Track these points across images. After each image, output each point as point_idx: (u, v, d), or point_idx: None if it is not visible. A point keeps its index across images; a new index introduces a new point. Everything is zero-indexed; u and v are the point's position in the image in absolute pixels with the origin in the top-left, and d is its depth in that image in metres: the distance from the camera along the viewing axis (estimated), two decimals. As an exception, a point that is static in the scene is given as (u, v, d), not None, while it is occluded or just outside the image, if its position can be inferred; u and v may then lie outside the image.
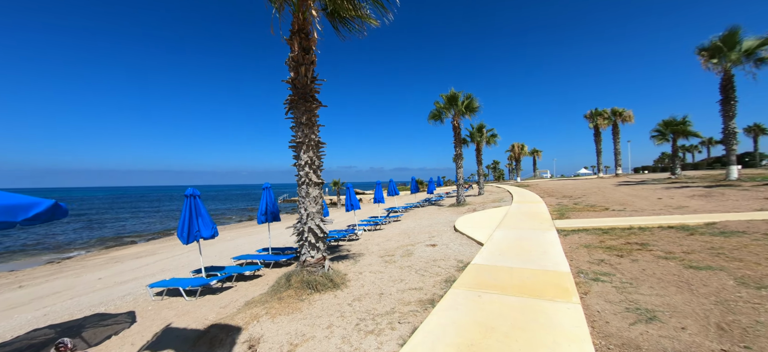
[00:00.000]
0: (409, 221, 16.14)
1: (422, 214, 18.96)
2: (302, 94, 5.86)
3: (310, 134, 5.90)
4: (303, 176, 5.88)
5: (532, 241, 7.82)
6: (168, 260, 14.13)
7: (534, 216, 11.99)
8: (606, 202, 15.64)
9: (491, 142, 29.56)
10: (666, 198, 14.87)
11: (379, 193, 17.81)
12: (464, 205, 20.47)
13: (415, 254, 7.83)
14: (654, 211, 11.61)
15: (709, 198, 13.56)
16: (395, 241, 10.38)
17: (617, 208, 13.20)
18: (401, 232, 12.54)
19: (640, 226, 8.83)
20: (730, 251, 6.01)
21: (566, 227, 9.48)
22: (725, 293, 4.24)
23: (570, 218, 11.28)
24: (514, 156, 55.48)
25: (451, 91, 20.92)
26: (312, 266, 5.84)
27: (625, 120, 40.26)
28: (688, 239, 7.18)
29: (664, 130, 28.40)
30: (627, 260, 6.08)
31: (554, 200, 18.57)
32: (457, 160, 21.44)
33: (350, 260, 8.37)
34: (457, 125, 21.28)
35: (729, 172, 21.13)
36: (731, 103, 21.09)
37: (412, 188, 24.87)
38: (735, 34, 20.23)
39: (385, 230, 14.28)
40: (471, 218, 13.25)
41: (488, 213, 14.32)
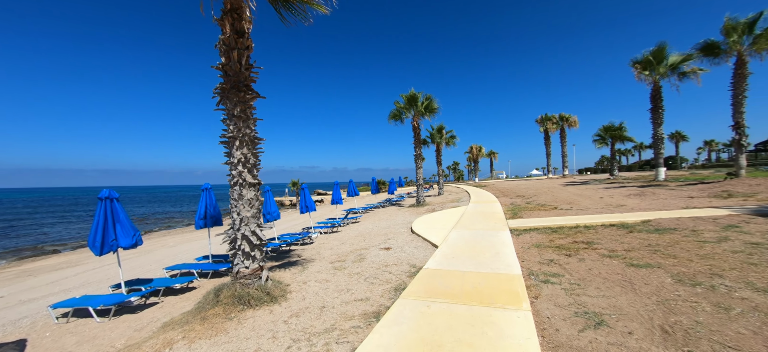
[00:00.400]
0: (367, 223, 15.68)
1: (382, 215, 18.61)
2: (235, 82, 5.12)
3: (244, 129, 5.18)
4: (235, 175, 5.14)
5: (486, 242, 7.73)
6: (93, 272, 12.31)
7: (489, 216, 12.13)
8: (555, 201, 16.42)
9: (451, 144, 30.15)
10: (607, 197, 15.95)
11: (337, 194, 17.15)
12: (424, 205, 20.49)
13: (368, 258, 7.37)
14: (597, 209, 12.28)
15: (643, 197, 14.73)
16: (350, 244, 9.85)
17: (565, 207, 13.84)
18: (358, 234, 12.04)
19: (586, 224, 9.17)
20: (665, 247, 6.30)
21: (519, 227, 9.60)
22: (665, 292, 4.29)
23: (522, 218, 11.55)
24: (473, 157, 57.50)
25: (410, 91, 20.85)
26: (246, 277, 5.13)
27: (571, 125, 43.41)
28: (628, 236, 7.50)
29: (604, 134, 30.95)
30: (575, 259, 6.13)
31: (508, 199, 19.22)
32: (417, 160, 21.42)
33: (298, 266, 7.69)
34: (416, 126, 21.26)
35: (657, 174, 23.41)
36: (659, 111, 23.38)
37: (373, 188, 24.48)
38: (663, 49, 22.40)
39: (342, 232, 13.69)
40: (429, 218, 13.11)
41: (446, 213, 14.32)
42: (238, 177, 5.13)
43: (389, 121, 22.11)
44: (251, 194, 5.21)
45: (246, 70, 5.24)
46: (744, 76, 16.19)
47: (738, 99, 16.36)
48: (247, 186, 5.17)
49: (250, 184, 5.20)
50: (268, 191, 11.90)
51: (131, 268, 11.49)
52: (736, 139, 16.46)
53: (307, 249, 10.60)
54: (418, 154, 21.29)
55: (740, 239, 6.41)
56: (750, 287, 4.22)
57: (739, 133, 16.32)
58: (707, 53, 17.49)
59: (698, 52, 17.76)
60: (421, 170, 21.45)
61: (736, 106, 16.47)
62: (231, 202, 5.20)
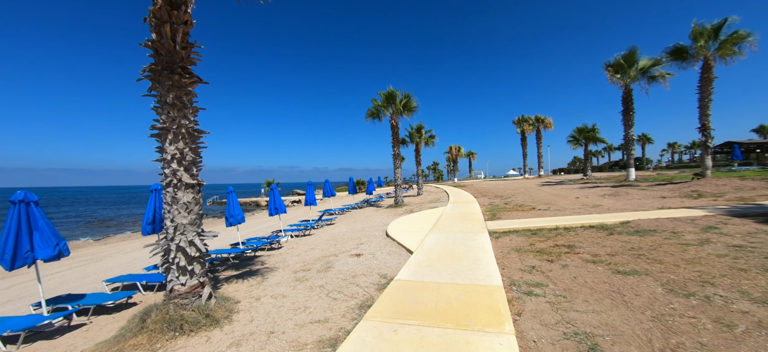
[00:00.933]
0: (342, 225, 14.90)
1: (358, 216, 17.87)
2: (168, 63, 4.26)
3: (180, 119, 4.33)
4: (169, 175, 4.28)
5: (465, 246, 7.19)
6: (25, 285, 10.83)
7: (467, 217, 11.69)
8: (532, 201, 16.30)
9: (430, 143, 29.81)
10: (582, 197, 15.99)
11: (310, 194, 16.24)
12: (402, 206, 19.94)
13: (336, 267, 6.64)
14: (574, 210, 12.13)
15: (617, 197, 14.83)
16: (319, 250, 9.07)
17: (542, 207, 13.67)
18: (330, 238, 11.26)
19: (565, 226, 8.87)
20: (649, 251, 5.98)
21: (498, 229, 9.18)
22: (659, 305, 3.86)
23: (501, 219, 11.18)
24: (452, 158, 57.78)
25: (389, 89, 20.24)
26: (182, 296, 4.28)
27: (547, 126, 44.39)
28: (609, 239, 7.19)
29: (578, 136, 31.66)
30: (557, 265, 5.68)
31: (487, 200, 19.01)
32: (395, 160, 20.83)
33: (257, 277, 6.85)
34: (395, 124, 20.67)
35: (628, 174, 24.02)
36: (630, 114, 24.02)
37: (350, 188, 23.69)
38: (634, 53, 22.99)
39: (315, 235, 12.85)
40: (406, 220, 12.52)
41: (424, 215, 13.79)
42: (171, 177, 4.27)
43: (367, 119, 21.40)
44: (189, 196, 4.36)
45: (183, 50, 4.38)
46: (710, 80, 16.71)
47: (704, 102, 16.88)
48: (184, 188, 4.32)
49: (187, 185, 4.34)
50: (232, 192, 10.90)
51: (73, 279, 10.16)
52: (702, 141, 16.98)
53: (273, 255, 9.72)
54: (396, 154, 20.70)
55: (722, 241, 6.20)
56: (746, 297, 3.86)
57: (705, 135, 16.84)
58: (676, 57, 17.98)
59: (668, 55, 18.23)
60: (400, 170, 20.89)
61: (702, 109, 16.99)
62: (164, 206, 4.33)
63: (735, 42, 15.97)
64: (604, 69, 24.56)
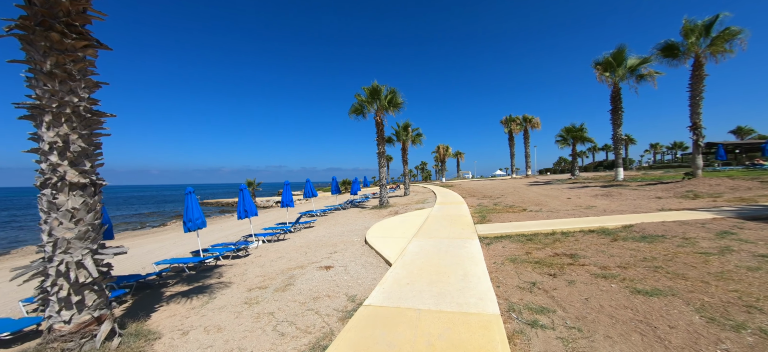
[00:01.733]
0: (321, 228, 13.74)
1: (340, 218, 16.73)
2: (46, 17, 3.07)
3: (64, 95, 3.14)
4: (46, 171, 3.09)
5: (452, 256, 6.19)
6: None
7: (455, 220, 10.73)
8: (523, 202, 15.53)
9: (417, 142, 28.87)
10: (574, 198, 15.31)
11: (287, 195, 15.00)
12: (387, 206, 18.90)
13: (298, 284, 5.51)
14: (568, 211, 11.35)
15: (610, 197, 14.19)
16: (287, 259, 7.92)
17: (534, 208, 12.87)
18: (304, 244, 10.10)
19: (563, 230, 7.99)
20: (665, 262, 5.10)
21: (489, 234, 8.24)
22: (705, 343, 2.92)
23: (491, 222, 10.27)
24: (440, 157, 57.16)
25: (373, 83, 19.17)
26: (65, 338, 3.10)
27: (534, 126, 44.17)
28: (615, 246, 6.32)
29: (566, 135, 31.35)
30: (562, 281, 4.73)
31: (475, 200, 18.18)
32: (380, 158, 19.76)
33: (202, 297, 5.66)
34: (379, 121, 19.61)
35: (617, 174, 23.70)
36: (619, 113, 23.68)
37: (333, 188, 22.50)
38: (622, 51, 22.64)
39: (290, 240, 11.66)
40: (389, 223, 11.47)
41: (409, 217, 12.78)
42: (50, 174, 3.08)
43: (350, 115, 20.28)
44: (76, 201, 3.17)
45: (71, 2, 3.19)
46: (701, 78, 16.32)
47: (695, 100, 16.49)
48: (68, 189, 3.13)
49: (73, 185, 3.16)
50: (190, 193, 9.60)
51: None
52: (693, 139, 16.58)
53: (236, 265, 8.52)
54: (381, 152, 19.64)
55: (744, 249, 5.39)
56: (815, 331, 2.97)
57: (696, 133, 16.45)
58: (667, 54, 17.55)
59: (659, 52, 17.80)
60: (385, 169, 19.84)
61: (693, 107, 16.60)
62: (40, 214, 3.13)
63: (726, 39, 15.59)
64: (593, 67, 24.18)
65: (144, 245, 16.72)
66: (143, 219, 37.00)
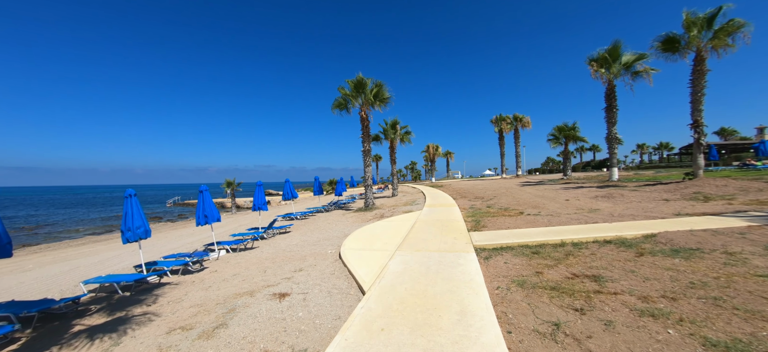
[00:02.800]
0: (296, 235, 12.25)
1: (320, 222, 15.26)
2: None
3: None
4: None
5: (444, 278, 4.86)
6: None
7: (446, 226, 9.43)
8: (518, 204, 14.39)
9: (405, 140, 27.55)
10: (573, 199, 14.24)
11: (259, 198, 13.43)
12: (373, 209, 17.51)
13: (232, 326, 4.05)
14: (570, 216, 10.19)
15: (612, 199, 13.15)
16: (240, 279, 6.45)
17: (531, 211, 11.69)
18: (269, 256, 8.63)
19: (573, 240, 6.76)
20: (722, 291, 3.87)
21: (486, 245, 6.94)
22: None
23: (487, 228, 9.01)
24: (430, 157, 56.10)
25: (358, 76, 17.74)
26: None
27: (525, 125, 43.50)
28: (643, 263, 5.10)
29: (558, 134, 30.57)
30: (594, 321, 3.44)
31: (467, 202, 16.97)
32: (365, 156, 18.35)
33: (106, 339, 4.16)
34: (365, 116, 18.19)
35: (611, 174, 22.92)
36: (613, 110, 22.89)
37: (316, 189, 20.97)
38: (617, 47, 21.84)
39: (257, 250, 10.16)
40: (372, 230, 10.08)
41: (395, 222, 11.42)
42: None
43: (333, 111, 18.79)
44: None
45: None
46: (703, 73, 15.50)
47: (697, 97, 15.66)
48: None
49: None
50: (130, 196, 7.98)
51: None
52: (695, 138, 15.75)
53: (183, 283, 7.00)
54: (366, 149, 18.22)
55: (817, 270, 4.23)
56: None
57: (697, 132, 15.62)
58: (667, 47, 16.70)
59: (659, 45, 16.92)
60: (371, 168, 18.44)
61: (694, 104, 15.77)
62: None
63: (730, 32, 14.78)
64: (587, 64, 23.35)
65: (100, 253, 14.88)
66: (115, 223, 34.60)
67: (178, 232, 20.46)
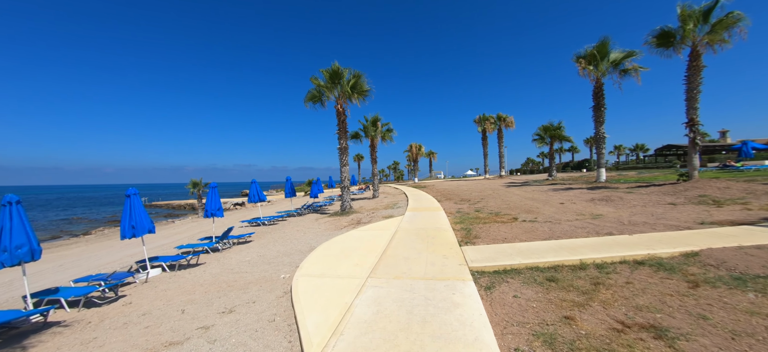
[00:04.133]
0: (254, 247, 10.33)
1: (288, 229, 13.35)
2: None
3: None
4: None
5: (434, 331, 3.22)
6: None
7: (433, 237, 7.83)
8: (509, 208, 13.04)
9: (387, 138, 25.92)
10: (568, 203, 13.02)
11: (213, 202, 11.35)
12: (350, 213, 15.73)
13: None
14: (571, 222, 8.85)
15: (611, 203, 11.99)
16: (143, 327, 4.57)
17: (526, 217, 10.31)
18: (208, 280, 6.73)
19: (594, 261, 5.29)
20: None
21: (485, 267, 5.37)
22: None
23: (481, 239, 7.47)
24: (412, 156, 54.84)
25: (333, 65, 15.92)
26: None
27: (508, 125, 42.91)
28: (707, 299, 3.65)
29: (543, 134, 29.84)
30: None
31: (453, 205, 15.52)
32: (341, 154, 16.55)
33: None
34: (341, 110, 16.40)
35: (599, 175, 22.16)
36: (601, 109, 22.14)
37: (287, 191, 18.97)
38: (606, 44, 21.10)
39: (201, 267, 8.20)
40: (342, 243, 8.34)
41: (372, 231, 9.72)
42: None
43: (306, 104, 16.88)
44: None
45: None
46: (698, 69, 14.73)
47: (692, 94, 14.87)
48: None
49: None
50: (10, 205, 5.87)
51: None
52: (690, 137, 14.96)
53: (73, 326, 5.03)
54: (343, 147, 16.43)
55: None
56: None
57: (693, 131, 14.83)
58: (661, 42, 15.86)
59: (653, 39, 16.07)
60: (348, 168, 16.66)
61: (689, 102, 14.98)
62: None
63: (727, 25, 14.02)
64: (574, 61, 22.49)
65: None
66: (67, 226, 31.02)
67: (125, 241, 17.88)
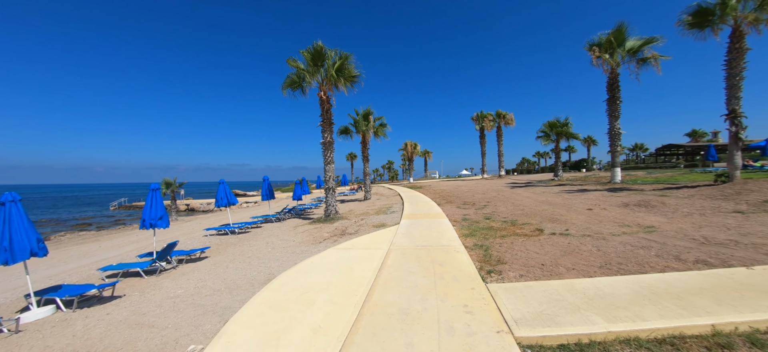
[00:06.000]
0: (200, 271, 7.86)
1: (255, 242, 10.89)
2: None
3: None
4: None
5: None
6: None
7: (441, 265, 5.47)
8: (525, 214, 10.77)
9: (380, 134, 23.51)
10: (596, 209, 10.78)
11: (154, 209, 8.81)
12: (334, 219, 13.32)
13: None
14: (619, 238, 6.60)
15: (653, 209, 9.77)
16: None
17: (554, 228, 8.03)
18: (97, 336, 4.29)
19: (739, 329, 3.00)
20: None
21: (545, 340, 3.04)
22: None
23: (509, 266, 5.14)
24: (408, 155, 52.58)
25: (316, 44, 13.44)
26: None
27: (508, 123, 40.83)
28: None
29: (549, 131, 27.77)
30: None
31: (456, 209, 13.22)
32: (325, 150, 14.10)
33: None
34: (325, 98, 13.96)
35: (614, 175, 20.11)
36: (617, 102, 20.09)
37: (264, 193, 16.46)
38: (622, 31, 19.07)
39: (111, 306, 5.72)
40: (308, 275, 5.94)
41: (356, 250, 7.33)
42: None
43: (284, 91, 14.40)
44: None
45: None
46: (742, 52, 12.65)
47: (734, 81, 12.79)
48: None
49: None
50: None
51: None
52: (732, 132, 12.87)
53: None
54: (327, 141, 13.99)
55: None
56: None
57: (735, 124, 12.74)
58: (696, 22, 13.74)
59: (688, 17, 13.94)
60: (333, 166, 14.22)
61: (731, 90, 12.90)
62: None
63: (779, 1, 11.95)
64: (587, 50, 20.41)
65: None
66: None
67: (86, 246, 15.22)
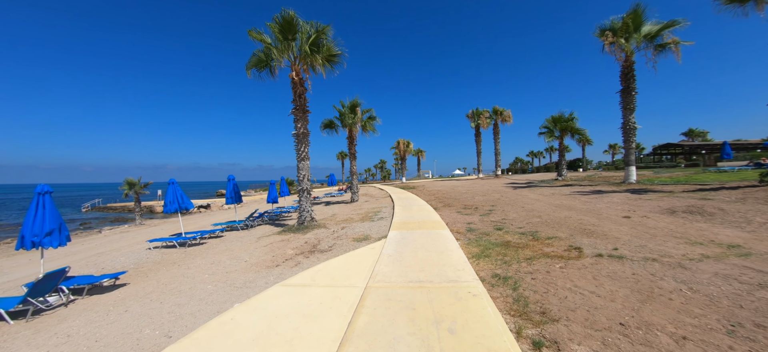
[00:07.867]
0: (97, 308, 5.33)
1: (201, 261, 8.38)
2: None
3: None
4: None
5: None
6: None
7: (452, 332, 3.12)
8: (542, 222, 8.54)
9: (369, 128, 21.13)
10: (636, 217, 8.58)
11: (41, 222, 6.26)
12: (311, 227, 10.90)
13: None
14: (701, 264, 4.39)
15: (713, 218, 7.60)
16: None
17: (596, 246, 5.80)
18: None
19: None
20: None
21: None
22: None
23: (560, 324, 2.84)
24: (400, 154, 50.33)
25: (285, 13, 10.95)
26: None
27: (505, 120, 38.85)
28: None
29: (552, 126, 25.75)
30: None
31: (457, 214, 10.93)
32: (299, 143, 11.63)
33: None
34: (298, 80, 11.50)
35: (628, 174, 18.11)
36: (632, 94, 18.08)
37: (228, 195, 13.91)
38: (639, 13, 17.09)
39: None
40: (238, 339, 3.54)
41: (315, 288, 4.93)
42: None
43: (248, 71, 11.92)
44: None
45: None
46: (796, 27, 10.64)
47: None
48: None
49: None
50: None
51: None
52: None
53: None
54: (301, 132, 11.53)
55: None
56: None
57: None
58: (737, -6, 11.73)
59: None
60: (307, 162, 11.76)
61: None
62: None
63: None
64: (598, 36, 18.41)
65: None
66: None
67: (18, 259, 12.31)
